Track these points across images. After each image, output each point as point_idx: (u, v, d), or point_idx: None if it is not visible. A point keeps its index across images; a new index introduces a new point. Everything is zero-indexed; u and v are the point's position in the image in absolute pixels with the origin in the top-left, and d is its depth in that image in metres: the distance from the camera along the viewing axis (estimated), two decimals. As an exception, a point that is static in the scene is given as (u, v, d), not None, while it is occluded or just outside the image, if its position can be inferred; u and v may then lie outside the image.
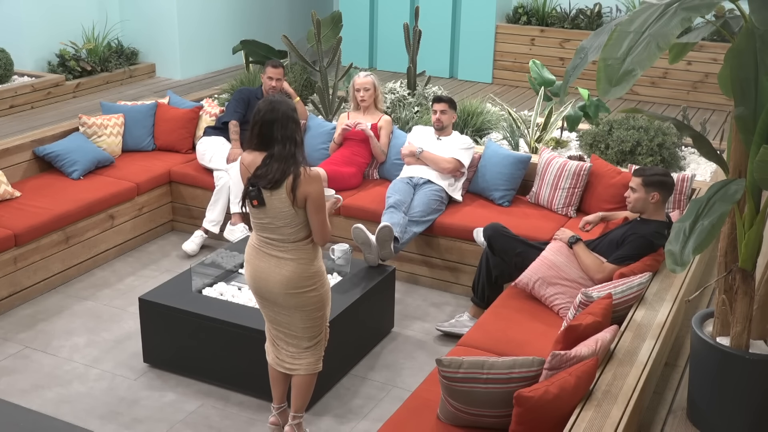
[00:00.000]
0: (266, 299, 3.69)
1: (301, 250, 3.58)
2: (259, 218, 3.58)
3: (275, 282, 3.59)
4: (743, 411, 3.19)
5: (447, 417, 3.31)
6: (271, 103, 3.53)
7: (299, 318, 3.67)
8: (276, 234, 3.56)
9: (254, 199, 3.51)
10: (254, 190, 3.50)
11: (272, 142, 3.49)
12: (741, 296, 3.07)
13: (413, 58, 7.28)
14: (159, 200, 6.28)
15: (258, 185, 3.49)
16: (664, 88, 9.53)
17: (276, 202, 3.49)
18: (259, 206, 3.52)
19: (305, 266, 3.60)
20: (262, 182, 3.48)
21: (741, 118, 2.87)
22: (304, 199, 3.49)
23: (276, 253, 3.59)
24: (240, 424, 4.12)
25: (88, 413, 4.17)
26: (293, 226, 3.54)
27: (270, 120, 3.49)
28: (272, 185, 3.46)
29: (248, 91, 6.43)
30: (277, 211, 3.50)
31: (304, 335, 3.72)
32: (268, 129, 3.49)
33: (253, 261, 3.66)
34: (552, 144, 6.77)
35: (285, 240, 3.56)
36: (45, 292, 5.41)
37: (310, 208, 3.51)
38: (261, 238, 3.63)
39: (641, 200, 4.26)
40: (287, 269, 3.57)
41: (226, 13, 10.21)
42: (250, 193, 3.52)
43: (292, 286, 3.58)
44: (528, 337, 3.99)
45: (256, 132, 3.53)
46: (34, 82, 8.14)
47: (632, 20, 2.72)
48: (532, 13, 10.37)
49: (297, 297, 3.61)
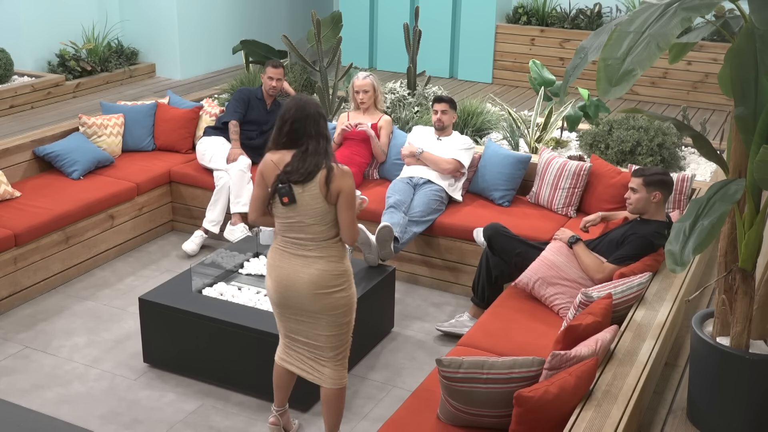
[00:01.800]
0: (291, 306, 3.56)
1: (330, 248, 3.52)
2: (288, 217, 3.50)
3: (303, 282, 3.49)
4: (743, 411, 3.19)
5: (447, 417, 3.31)
6: (300, 101, 3.52)
7: (324, 324, 3.56)
8: (304, 233, 3.49)
9: (285, 196, 3.43)
10: (285, 187, 3.43)
11: (304, 138, 3.46)
12: (741, 296, 3.07)
13: (413, 58, 7.28)
14: (159, 200, 6.28)
15: (289, 182, 3.44)
16: (664, 88, 9.53)
17: (307, 198, 3.43)
18: (290, 203, 3.44)
19: (335, 264, 3.52)
20: (294, 176, 3.42)
21: (741, 118, 2.87)
22: (337, 195, 3.44)
23: (303, 252, 3.51)
24: (240, 424, 4.12)
25: (88, 413, 4.17)
26: (323, 224, 3.48)
27: (302, 117, 3.47)
28: (305, 178, 3.41)
29: (248, 91, 6.42)
30: (308, 207, 3.44)
31: (327, 344, 3.61)
32: (301, 125, 3.46)
33: (278, 264, 3.56)
34: (552, 144, 6.77)
35: (314, 239, 3.49)
36: (45, 292, 5.41)
37: (342, 204, 3.46)
38: (287, 239, 3.54)
39: (643, 200, 4.25)
40: (316, 267, 3.49)
41: (226, 13, 10.21)
42: (280, 190, 3.44)
43: (321, 285, 3.49)
44: (528, 337, 3.99)
45: (287, 130, 3.49)
46: (34, 82, 8.14)
47: (632, 20, 2.72)
48: (532, 13, 10.37)
49: (325, 298, 3.50)
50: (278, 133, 3.55)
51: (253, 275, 4.84)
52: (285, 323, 3.67)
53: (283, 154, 3.50)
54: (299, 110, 3.49)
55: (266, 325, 4.21)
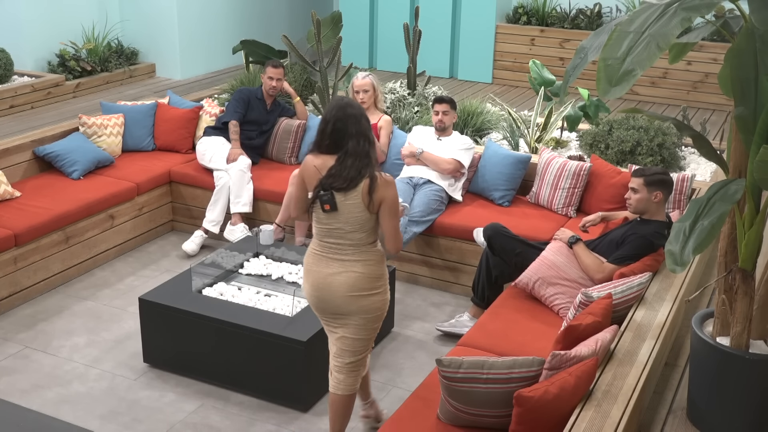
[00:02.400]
0: (325, 310, 3.54)
1: (368, 253, 3.49)
2: (328, 224, 3.45)
3: (339, 284, 3.45)
4: (743, 411, 3.19)
5: (447, 417, 3.31)
6: (341, 101, 3.47)
7: (354, 326, 3.53)
8: (344, 240, 3.45)
9: (326, 204, 3.38)
10: (327, 195, 3.38)
11: (346, 139, 3.39)
12: (741, 296, 3.07)
13: (413, 58, 7.28)
14: (159, 200, 6.28)
15: (331, 189, 3.39)
16: (664, 88, 9.53)
17: (349, 207, 3.39)
18: (331, 211, 3.40)
19: (373, 267, 3.49)
20: (337, 182, 3.37)
21: (741, 118, 2.87)
22: (379, 204, 3.40)
23: (342, 257, 3.47)
24: (240, 424, 4.12)
25: (88, 413, 4.17)
26: (363, 231, 3.44)
27: (343, 116, 3.40)
28: (348, 184, 3.36)
29: (248, 91, 6.42)
30: (350, 216, 3.40)
31: (350, 348, 3.58)
32: (343, 125, 3.39)
33: (315, 268, 3.52)
34: (552, 144, 6.77)
35: (353, 245, 3.45)
36: (45, 292, 5.41)
37: (384, 213, 3.42)
38: (325, 243, 3.50)
39: (644, 200, 4.25)
40: (353, 270, 3.46)
41: (226, 13, 10.21)
42: (322, 197, 3.39)
43: (357, 287, 3.46)
44: (528, 337, 3.99)
45: (329, 131, 3.41)
46: (34, 82, 8.14)
47: (632, 20, 2.72)
48: (532, 13, 10.37)
49: (360, 299, 3.47)
50: (321, 136, 3.46)
51: (253, 275, 4.84)
52: (324, 324, 3.66)
53: (325, 159, 3.44)
54: (340, 110, 3.42)
55: (266, 325, 4.21)
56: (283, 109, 6.57)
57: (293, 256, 5.05)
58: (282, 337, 4.13)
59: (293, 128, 6.42)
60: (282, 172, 6.14)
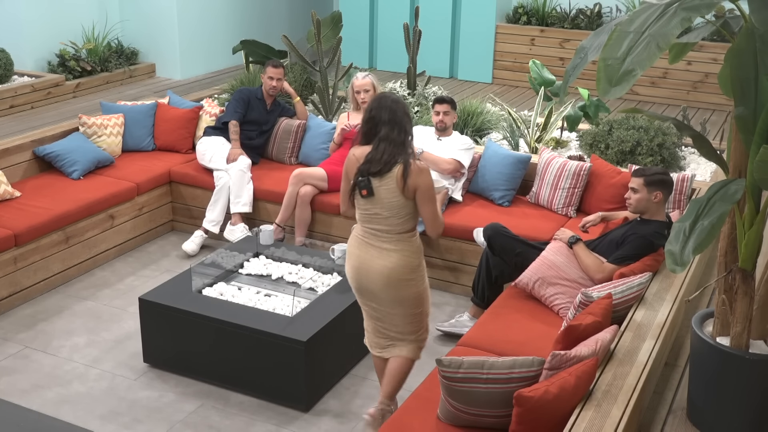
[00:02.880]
0: (366, 293, 3.75)
1: (405, 242, 3.66)
2: (367, 209, 3.65)
3: (376, 273, 3.65)
4: (743, 411, 3.19)
5: (447, 417, 3.31)
6: (381, 94, 3.73)
7: (399, 313, 3.74)
8: (382, 225, 3.63)
9: (363, 189, 3.57)
10: (364, 180, 3.57)
11: (379, 126, 3.59)
12: (741, 296, 3.07)
13: (413, 58, 7.28)
14: (159, 200, 6.28)
15: (368, 174, 3.56)
16: (664, 88, 9.53)
17: (384, 192, 3.57)
18: (368, 196, 3.58)
19: (409, 258, 3.67)
20: (373, 167, 3.56)
21: (741, 118, 2.87)
22: (414, 191, 3.57)
23: (380, 244, 3.66)
24: (240, 424, 4.12)
25: (88, 413, 4.17)
26: (400, 217, 3.61)
27: (377, 106, 3.63)
28: (381, 168, 3.54)
29: (248, 91, 6.43)
30: (385, 201, 3.58)
31: (405, 329, 3.79)
32: (377, 113, 3.61)
33: (356, 252, 3.72)
34: (552, 144, 6.77)
35: (391, 231, 3.63)
36: (45, 292, 5.41)
37: (420, 199, 3.59)
38: (366, 229, 3.69)
39: (644, 200, 4.25)
40: (390, 260, 3.63)
41: (226, 13, 10.21)
42: (359, 183, 3.58)
43: (393, 278, 3.64)
44: (528, 337, 3.99)
45: (366, 119, 3.65)
46: (34, 82, 8.14)
47: (632, 20, 2.72)
48: (532, 13, 10.37)
49: (396, 290, 3.66)
50: (362, 126, 3.70)
51: (253, 275, 4.84)
52: (364, 307, 3.84)
53: (364, 149, 3.65)
54: (376, 101, 3.65)
55: (266, 325, 4.21)
56: (283, 109, 6.57)
57: (293, 256, 5.05)
58: (282, 337, 4.13)
59: (293, 128, 6.42)
60: (282, 172, 6.13)
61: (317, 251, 5.08)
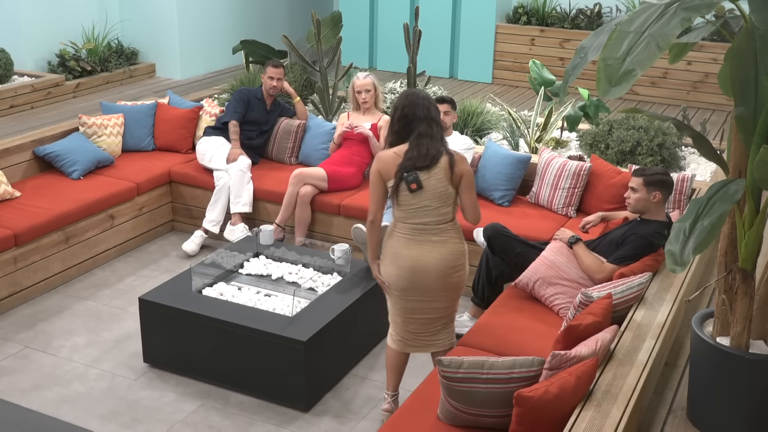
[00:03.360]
0: (419, 290, 3.79)
1: (452, 230, 3.79)
2: (413, 204, 3.70)
3: (433, 265, 3.74)
4: (743, 411, 3.19)
5: (447, 417, 3.31)
6: (407, 91, 3.77)
7: (442, 298, 3.84)
8: (431, 216, 3.71)
9: (413, 183, 3.63)
10: (411, 174, 3.63)
11: (414, 123, 3.67)
12: (741, 296, 3.07)
13: (413, 58, 7.28)
14: (159, 200, 6.28)
15: (414, 169, 3.63)
16: (664, 88, 9.53)
17: (434, 183, 3.67)
18: (417, 189, 3.64)
19: (458, 244, 3.80)
20: (419, 162, 3.63)
21: (741, 118, 2.87)
22: (460, 178, 3.72)
23: (430, 237, 3.74)
24: (240, 424, 4.12)
25: (88, 413, 4.18)
26: (447, 206, 3.74)
27: (409, 103, 3.70)
28: (430, 162, 3.64)
29: (248, 91, 6.43)
30: (435, 192, 3.68)
31: (440, 315, 3.91)
32: (410, 110, 3.69)
33: (405, 251, 3.76)
34: (552, 144, 6.77)
35: (441, 221, 3.73)
36: (45, 292, 5.41)
37: (464, 186, 3.74)
38: (411, 225, 3.74)
39: (642, 200, 4.25)
40: (445, 250, 3.75)
41: (226, 13, 10.21)
42: (407, 178, 3.64)
43: (448, 266, 3.76)
44: (528, 337, 3.99)
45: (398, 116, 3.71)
46: (34, 82, 8.14)
47: (632, 20, 2.72)
48: (532, 13, 10.37)
49: (450, 277, 3.79)
50: (391, 124, 3.76)
51: (253, 275, 4.84)
52: (405, 305, 3.88)
53: (399, 148, 3.72)
54: (406, 98, 3.73)
55: (266, 325, 4.21)
56: (283, 109, 6.57)
57: (293, 256, 5.05)
58: (282, 337, 4.13)
59: (293, 128, 6.42)
60: (282, 172, 6.13)
61: (317, 251, 5.08)
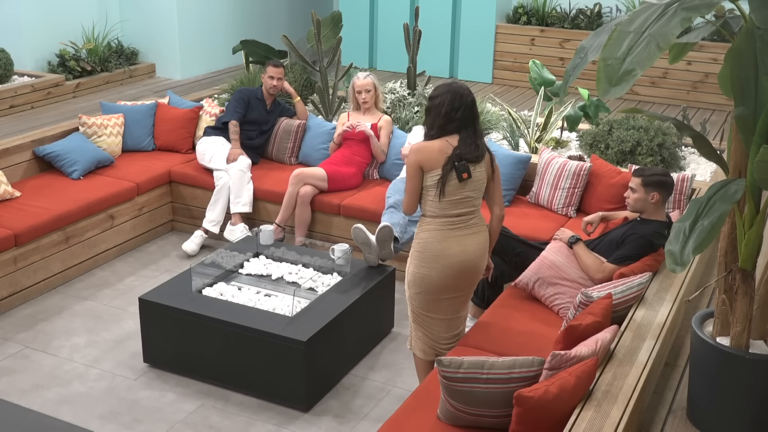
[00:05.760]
0: (461, 285, 3.91)
1: (480, 218, 3.95)
2: (458, 194, 3.82)
3: (476, 254, 3.90)
4: (743, 411, 3.19)
5: (447, 417, 3.31)
6: (454, 86, 3.84)
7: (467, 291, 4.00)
8: (469, 207, 3.87)
9: (464, 172, 3.78)
10: (463, 164, 3.78)
11: (469, 121, 3.81)
12: (741, 296, 3.07)
13: (413, 58, 7.28)
14: (159, 200, 6.28)
15: (464, 160, 3.78)
16: (664, 88, 9.53)
17: (479, 175, 3.85)
18: (468, 179, 3.80)
19: (486, 231, 4.00)
20: (471, 153, 3.80)
21: (741, 118, 2.87)
22: (494, 173, 3.95)
23: (469, 229, 3.89)
24: (240, 424, 4.12)
25: (88, 413, 4.18)
26: (480, 197, 3.94)
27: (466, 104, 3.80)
28: (479, 156, 3.82)
29: (248, 91, 6.43)
30: (479, 183, 3.87)
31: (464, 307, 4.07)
32: (469, 111, 3.81)
33: (451, 244, 3.85)
34: (552, 144, 6.77)
35: (473, 211, 3.89)
36: (45, 292, 5.41)
37: (497, 180, 3.98)
38: (450, 218, 3.84)
39: (641, 200, 4.25)
40: (481, 237, 3.93)
41: (226, 13, 10.21)
42: (459, 168, 3.77)
43: (484, 255, 3.96)
44: (528, 337, 3.99)
45: (449, 110, 3.79)
46: (34, 82, 8.14)
47: (632, 20, 2.72)
48: (532, 13, 10.37)
49: (482, 267, 3.97)
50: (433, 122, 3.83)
51: (253, 275, 4.84)
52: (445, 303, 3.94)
53: (442, 141, 3.80)
54: (452, 93, 3.79)
55: (266, 325, 4.21)
56: (283, 109, 6.57)
57: (293, 256, 5.05)
58: (282, 337, 4.13)
59: (293, 128, 6.42)
60: (282, 172, 6.13)
61: (317, 251, 5.08)
